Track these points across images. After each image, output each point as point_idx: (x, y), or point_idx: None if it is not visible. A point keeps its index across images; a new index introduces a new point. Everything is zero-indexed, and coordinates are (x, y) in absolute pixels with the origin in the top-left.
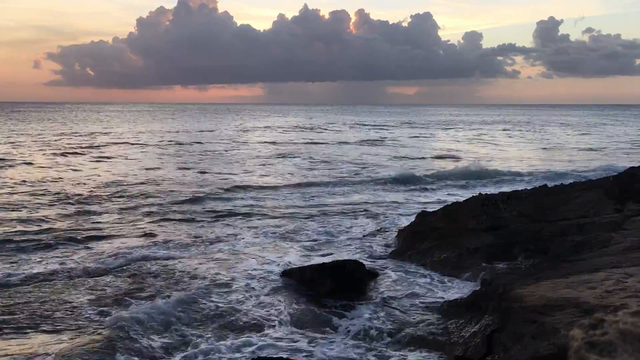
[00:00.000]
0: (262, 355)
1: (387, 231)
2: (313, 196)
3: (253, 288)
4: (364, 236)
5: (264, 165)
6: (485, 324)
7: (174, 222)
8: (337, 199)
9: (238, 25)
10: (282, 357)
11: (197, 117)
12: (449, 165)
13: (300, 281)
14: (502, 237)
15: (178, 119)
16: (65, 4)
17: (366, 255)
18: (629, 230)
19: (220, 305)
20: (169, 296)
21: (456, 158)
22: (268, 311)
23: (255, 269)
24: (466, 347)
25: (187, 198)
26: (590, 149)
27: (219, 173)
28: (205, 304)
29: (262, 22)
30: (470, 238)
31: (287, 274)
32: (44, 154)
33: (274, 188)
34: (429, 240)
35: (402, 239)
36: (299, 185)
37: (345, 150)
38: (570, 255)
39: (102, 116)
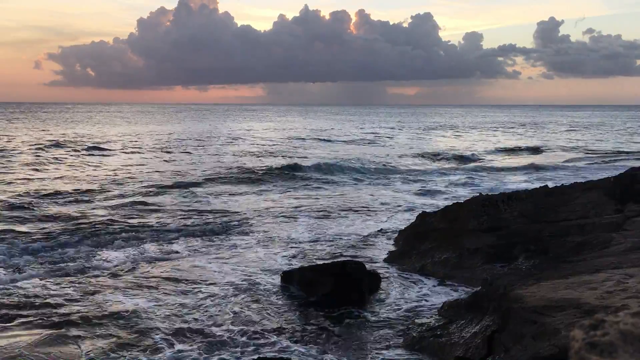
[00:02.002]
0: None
1: (387, 232)
2: (313, 196)
3: (252, 292)
4: (364, 236)
5: (261, 162)
6: (486, 325)
7: (169, 221)
8: (337, 198)
9: (239, 25)
10: (282, 357)
11: (200, 118)
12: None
13: (301, 282)
14: (502, 237)
15: (180, 119)
16: (65, 4)
17: (366, 256)
18: (629, 230)
19: (218, 311)
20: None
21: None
22: (266, 318)
23: (253, 271)
24: (467, 348)
25: (182, 198)
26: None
27: (215, 172)
28: (200, 310)
29: (262, 23)
30: (470, 239)
31: (287, 274)
32: (45, 151)
33: (271, 186)
34: (429, 240)
35: (402, 240)
36: (296, 184)
37: (348, 149)
38: (571, 256)
39: (103, 116)
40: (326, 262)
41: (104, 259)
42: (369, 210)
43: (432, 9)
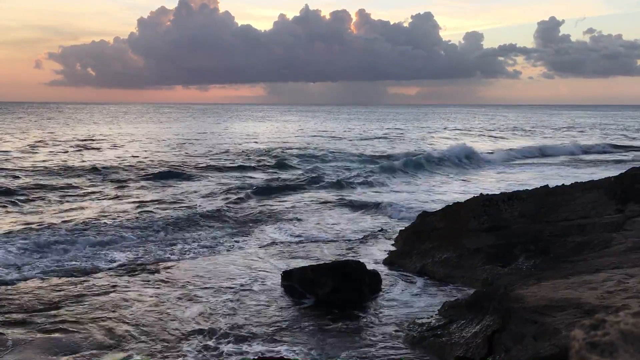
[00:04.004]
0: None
1: (387, 231)
2: (311, 195)
3: (251, 291)
4: (364, 236)
5: (263, 162)
6: (487, 325)
7: (168, 221)
8: (337, 197)
9: (239, 25)
10: (282, 357)
11: (200, 117)
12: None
13: (301, 282)
14: (503, 237)
15: (180, 119)
16: (66, 4)
17: (366, 256)
18: (630, 230)
19: (217, 311)
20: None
21: None
22: (266, 317)
23: (253, 270)
24: (467, 348)
25: (179, 197)
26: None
27: (214, 171)
28: (199, 310)
29: (263, 22)
30: (471, 238)
31: (287, 274)
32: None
33: (272, 185)
34: (429, 240)
35: (402, 240)
36: (295, 182)
37: (357, 147)
38: (571, 256)
39: (103, 116)
40: (327, 261)
41: (103, 258)
42: (372, 210)
43: (433, 8)
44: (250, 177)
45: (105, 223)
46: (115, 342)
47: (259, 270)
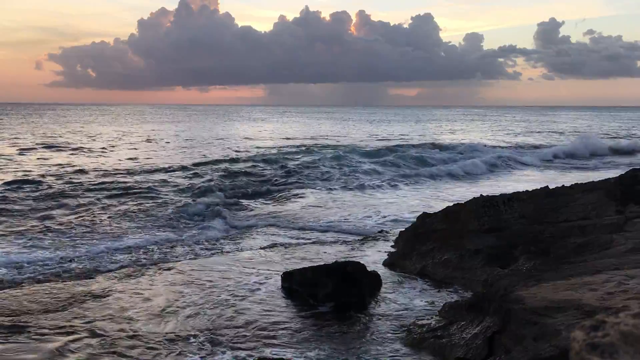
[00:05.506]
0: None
1: (387, 233)
2: (314, 196)
3: (251, 292)
4: (364, 238)
5: (266, 162)
6: (487, 326)
7: (162, 224)
8: (338, 199)
9: (239, 26)
10: (282, 357)
11: (202, 119)
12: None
13: (301, 283)
14: (503, 238)
15: (181, 120)
16: (66, 5)
17: (366, 257)
18: (630, 232)
19: (216, 312)
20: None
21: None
22: (266, 318)
23: (252, 272)
24: (467, 349)
25: (179, 198)
26: None
27: (214, 172)
28: (199, 311)
29: (263, 24)
30: (471, 240)
31: (287, 275)
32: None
33: (272, 185)
34: (430, 241)
35: (402, 241)
36: (299, 183)
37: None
38: (572, 257)
39: (104, 117)
40: (327, 262)
41: (103, 260)
42: (372, 211)
43: (433, 9)
44: (251, 178)
45: (104, 224)
46: (115, 345)
47: (259, 271)
